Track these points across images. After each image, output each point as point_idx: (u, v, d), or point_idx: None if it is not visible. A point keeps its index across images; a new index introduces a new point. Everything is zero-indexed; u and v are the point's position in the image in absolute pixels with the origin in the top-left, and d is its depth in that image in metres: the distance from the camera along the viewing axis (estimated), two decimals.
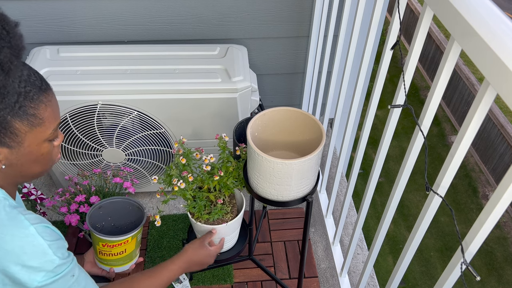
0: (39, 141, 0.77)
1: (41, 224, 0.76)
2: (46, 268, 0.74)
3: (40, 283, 0.74)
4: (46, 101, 0.75)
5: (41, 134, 0.76)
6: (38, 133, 0.76)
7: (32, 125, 0.74)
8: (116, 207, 1.35)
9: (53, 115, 0.78)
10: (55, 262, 0.75)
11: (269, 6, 1.76)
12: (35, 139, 0.76)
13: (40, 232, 0.75)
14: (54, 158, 0.85)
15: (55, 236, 0.78)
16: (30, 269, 0.73)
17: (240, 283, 1.70)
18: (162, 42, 1.83)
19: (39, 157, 0.79)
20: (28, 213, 0.76)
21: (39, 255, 0.74)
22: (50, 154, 0.82)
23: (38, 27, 1.74)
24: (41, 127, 0.76)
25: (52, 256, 0.75)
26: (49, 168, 0.85)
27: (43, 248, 0.74)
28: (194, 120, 1.61)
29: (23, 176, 0.81)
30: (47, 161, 0.82)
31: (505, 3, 8.82)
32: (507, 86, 0.58)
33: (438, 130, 7.41)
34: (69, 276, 0.79)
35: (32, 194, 1.56)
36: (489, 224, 0.69)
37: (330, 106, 1.63)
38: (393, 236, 5.93)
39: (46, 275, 0.74)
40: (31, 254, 0.73)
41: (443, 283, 0.84)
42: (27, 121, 0.73)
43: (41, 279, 0.74)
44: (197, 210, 1.25)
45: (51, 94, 0.77)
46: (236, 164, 1.24)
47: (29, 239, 0.74)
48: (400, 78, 0.91)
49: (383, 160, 1.12)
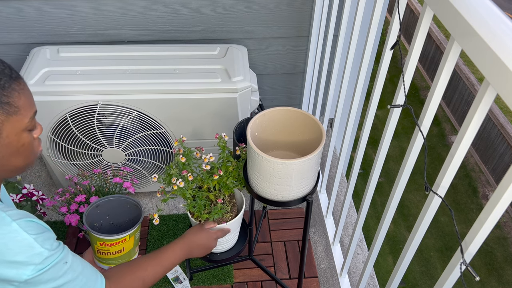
0: (17, 130, 0.77)
1: (24, 219, 0.76)
2: (34, 262, 0.74)
3: (29, 276, 0.74)
4: (18, 89, 0.75)
5: (19, 123, 0.76)
6: (15, 122, 0.76)
7: (8, 114, 0.74)
8: (113, 206, 1.35)
9: (28, 103, 0.78)
10: (43, 254, 0.75)
11: (269, 6, 1.76)
12: (13, 129, 0.76)
13: (24, 227, 0.74)
14: (36, 150, 0.84)
15: (40, 229, 0.78)
16: (17, 264, 0.73)
17: (240, 283, 1.70)
18: (162, 42, 1.83)
19: (20, 148, 0.79)
20: (10, 209, 0.76)
21: (25, 249, 0.74)
22: (31, 146, 0.82)
23: (38, 27, 1.74)
24: (17, 115, 0.75)
25: (40, 249, 0.75)
26: (32, 161, 0.84)
27: (28, 242, 0.74)
28: (194, 120, 1.61)
29: (6, 171, 0.81)
30: (29, 153, 0.82)
31: (505, 3, 8.82)
32: (507, 86, 0.58)
33: (438, 130, 7.41)
34: (62, 264, 0.79)
35: (34, 195, 1.56)
36: (489, 224, 0.69)
37: (330, 106, 1.63)
38: (393, 236, 5.93)
39: (35, 268, 0.74)
40: (16, 249, 0.73)
41: (443, 283, 0.84)
42: (2, 110, 0.73)
43: (30, 272, 0.74)
44: (197, 209, 1.25)
45: (22, 83, 0.77)
46: (236, 164, 1.24)
47: (12, 235, 0.73)
48: (400, 78, 0.91)
49: (383, 160, 1.12)
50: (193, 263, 1.72)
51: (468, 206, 6.29)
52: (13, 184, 1.62)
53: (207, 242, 1.22)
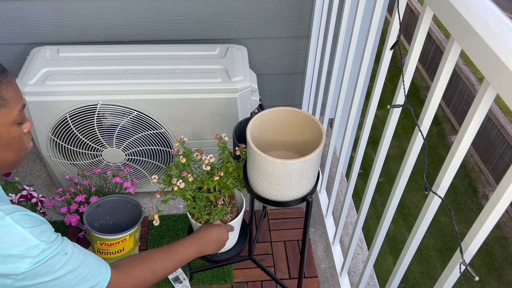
0: (7, 123, 0.78)
1: (18, 212, 0.76)
2: (31, 254, 0.74)
3: (26, 269, 0.74)
4: (5, 82, 0.77)
5: (8, 116, 0.78)
6: (4, 115, 0.77)
7: None
8: (113, 206, 1.35)
9: (16, 96, 0.79)
10: (40, 247, 0.75)
11: (269, 6, 1.76)
12: (2, 121, 0.77)
13: (18, 221, 0.74)
14: (26, 145, 0.86)
15: (36, 222, 0.77)
16: (13, 258, 0.73)
17: (240, 283, 1.70)
18: (162, 42, 1.83)
19: (10, 141, 0.80)
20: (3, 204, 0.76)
21: (20, 242, 0.73)
22: (21, 140, 0.83)
23: (38, 27, 1.74)
24: (6, 108, 0.77)
25: (36, 241, 0.75)
26: (22, 156, 0.85)
27: (23, 235, 0.74)
28: (194, 120, 1.61)
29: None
30: (19, 147, 0.83)
31: (505, 3, 8.82)
32: (507, 86, 0.58)
33: (438, 130, 7.41)
34: (61, 255, 0.79)
35: (33, 197, 1.56)
36: (489, 224, 0.69)
37: (330, 106, 1.63)
38: (393, 236, 5.93)
39: (32, 261, 0.74)
40: (10, 243, 0.73)
41: (442, 283, 0.84)
42: None
43: (27, 265, 0.74)
44: (197, 210, 1.25)
45: (9, 76, 0.79)
46: (236, 165, 1.24)
47: (6, 229, 0.73)
48: (400, 78, 0.91)
49: (383, 160, 1.12)
50: (193, 263, 1.72)
51: (468, 206, 6.29)
52: (13, 184, 1.62)
53: (220, 235, 1.21)
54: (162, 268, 1.02)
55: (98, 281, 0.85)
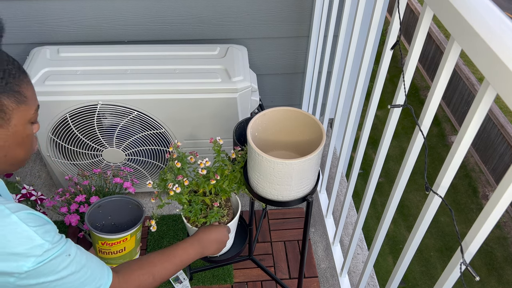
0: (24, 120, 0.81)
1: (24, 211, 0.76)
2: (35, 253, 0.74)
3: (30, 268, 0.74)
4: (26, 80, 0.80)
5: (26, 113, 0.80)
6: (23, 111, 0.79)
7: (18, 102, 0.78)
8: (115, 206, 1.35)
9: (34, 95, 0.83)
10: (44, 246, 0.75)
11: (269, 6, 1.76)
12: (21, 118, 0.80)
13: (23, 219, 0.75)
14: (34, 146, 0.88)
15: (41, 221, 0.78)
16: (17, 256, 0.73)
17: (240, 283, 1.70)
18: (162, 42, 1.83)
19: (24, 138, 0.82)
20: (9, 202, 0.76)
21: (25, 241, 0.74)
22: (31, 139, 0.85)
23: (38, 27, 1.74)
24: (26, 105, 0.79)
25: (40, 240, 0.75)
26: (29, 156, 0.87)
27: (28, 234, 0.74)
28: (194, 120, 1.61)
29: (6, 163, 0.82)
30: (29, 146, 0.85)
31: (505, 3, 8.82)
32: (507, 86, 0.58)
33: (438, 130, 7.41)
34: (64, 256, 0.79)
35: (32, 195, 1.56)
36: (489, 224, 0.69)
37: (330, 106, 1.63)
38: (393, 236, 5.93)
39: (36, 260, 0.74)
40: (15, 241, 0.73)
41: (443, 283, 0.84)
42: (13, 98, 0.77)
43: (31, 264, 0.74)
44: (193, 214, 1.24)
45: (27, 76, 0.82)
46: (232, 167, 1.23)
47: (12, 227, 0.73)
48: (400, 78, 0.91)
49: (383, 160, 1.12)
50: (193, 263, 1.72)
51: (468, 206, 6.29)
52: (13, 184, 1.62)
53: (220, 236, 1.21)
54: (163, 271, 1.03)
55: (100, 285, 0.85)
